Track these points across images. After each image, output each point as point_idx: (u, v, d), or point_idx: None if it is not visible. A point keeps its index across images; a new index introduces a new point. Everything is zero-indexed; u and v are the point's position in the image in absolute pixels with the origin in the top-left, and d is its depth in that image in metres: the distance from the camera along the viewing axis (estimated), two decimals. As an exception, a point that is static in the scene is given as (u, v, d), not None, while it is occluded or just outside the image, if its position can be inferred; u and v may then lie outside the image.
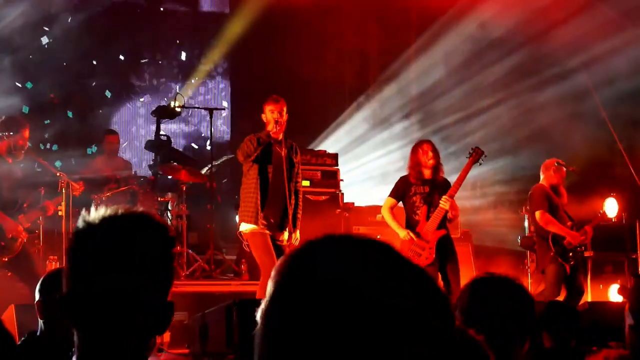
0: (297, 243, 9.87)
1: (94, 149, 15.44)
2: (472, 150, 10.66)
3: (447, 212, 10.29)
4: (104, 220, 2.25)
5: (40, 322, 4.40)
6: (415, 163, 10.67)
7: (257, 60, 16.05)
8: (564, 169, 11.45)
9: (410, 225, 10.44)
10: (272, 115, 9.78)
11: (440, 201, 10.26)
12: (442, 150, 17.09)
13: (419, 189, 10.54)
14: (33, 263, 10.44)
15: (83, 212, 2.29)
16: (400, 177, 10.80)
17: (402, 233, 10.34)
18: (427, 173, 10.55)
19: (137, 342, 2.25)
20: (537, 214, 11.15)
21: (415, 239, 10.23)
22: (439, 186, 10.51)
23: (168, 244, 2.28)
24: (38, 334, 4.40)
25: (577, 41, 15.05)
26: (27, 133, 10.37)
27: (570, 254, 10.98)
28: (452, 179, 10.51)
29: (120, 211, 2.28)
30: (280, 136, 9.94)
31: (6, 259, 10.22)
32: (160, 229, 2.29)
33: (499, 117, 16.75)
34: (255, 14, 15.93)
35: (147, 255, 2.23)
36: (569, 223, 11.20)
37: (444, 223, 10.36)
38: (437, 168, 10.61)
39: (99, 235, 2.23)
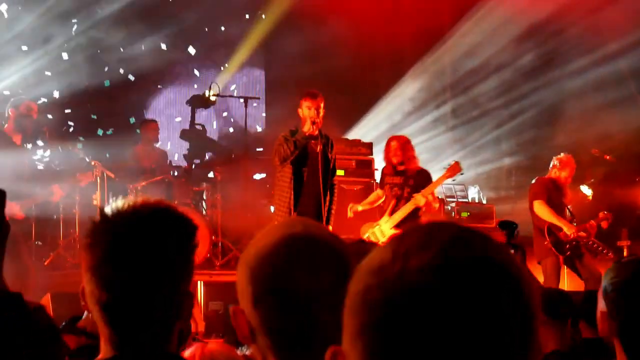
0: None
1: (110, 131, 15.40)
2: (450, 165, 10.82)
3: (419, 208, 10.41)
4: (121, 215, 2.26)
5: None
6: (386, 157, 10.89)
7: (291, 49, 16.00)
8: (572, 167, 11.35)
9: (381, 216, 10.66)
10: (310, 113, 9.61)
11: (416, 196, 10.31)
12: (476, 139, 17.17)
13: (391, 179, 10.76)
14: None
15: (99, 206, 2.30)
16: (382, 168, 10.98)
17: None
18: (398, 166, 10.67)
19: (162, 333, 2.27)
20: (535, 203, 11.12)
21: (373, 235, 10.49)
22: (412, 178, 10.57)
23: (186, 235, 2.29)
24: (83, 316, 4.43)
25: (612, 28, 14.93)
26: (34, 114, 10.21)
27: (567, 246, 10.93)
28: (480, 170, 10.53)
29: (139, 203, 2.29)
30: (317, 132, 9.76)
31: None
32: (178, 221, 2.29)
33: (535, 104, 16.66)
34: (289, 8, 15.94)
35: (165, 248, 2.24)
36: (569, 219, 11.15)
37: (412, 217, 10.40)
38: (405, 163, 10.67)
39: (115, 230, 2.24)
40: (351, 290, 1.30)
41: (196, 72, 16.70)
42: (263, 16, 16.70)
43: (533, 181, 11.45)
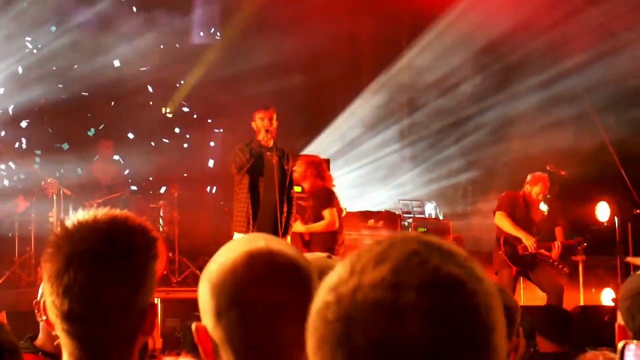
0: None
1: (66, 146, 15.24)
2: None
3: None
4: (80, 226, 2.25)
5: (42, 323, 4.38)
6: None
7: (248, 66, 15.99)
8: (545, 185, 11.40)
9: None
10: (263, 123, 9.87)
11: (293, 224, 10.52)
12: (432, 156, 17.26)
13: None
14: None
15: (57, 219, 2.30)
16: None
17: None
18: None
19: (125, 346, 2.25)
20: (497, 214, 11.15)
21: None
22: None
23: (146, 245, 2.28)
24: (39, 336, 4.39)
25: (567, 45, 15.09)
26: None
27: (519, 259, 10.95)
28: (436, 186, 10.53)
29: (100, 214, 2.28)
30: (271, 143, 10.00)
31: None
32: (138, 230, 2.28)
33: (491, 121, 16.78)
34: (242, 31, 15.95)
35: (125, 258, 2.23)
36: (534, 237, 11.12)
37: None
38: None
39: (76, 238, 2.23)
40: (312, 307, 1.31)
41: (149, 88, 16.53)
42: (218, 35, 16.70)
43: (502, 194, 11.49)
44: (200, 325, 2.05)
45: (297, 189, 12.22)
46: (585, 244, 11.73)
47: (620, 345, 2.31)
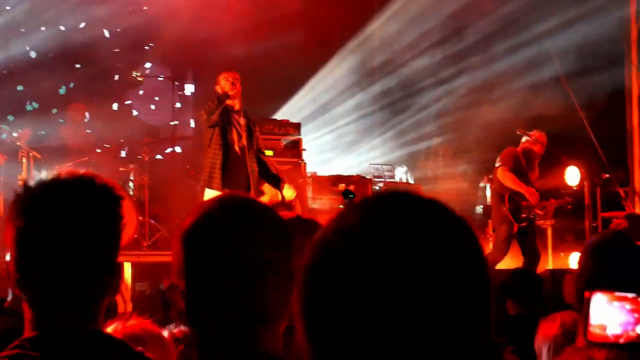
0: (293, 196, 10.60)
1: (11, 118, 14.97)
2: None
3: None
4: (44, 185, 2.23)
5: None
6: None
7: (220, 30, 15.88)
8: (542, 142, 11.44)
9: None
10: (227, 82, 10.13)
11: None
12: (404, 120, 17.26)
13: None
14: None
15: (21, 180, 2.29)
16: None
17: None
18: None
19: (87, 309, 2.23)
20: (499, 170, 11.11)
21: None
22: None
23: (111, 204, 2.26)
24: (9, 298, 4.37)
25: (539, 9, 15.09)
26: None
27: (524, 215, 10.99)
28: (407, 150, 10.50)
29: (64, 174, 2.26)
30: (237, 106, 10.23)
31: None
32: (102, 189, 2.26)
33: (462, 86, 16.79)
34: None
35: (89, 218, 2.21)
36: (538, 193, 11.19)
37: None
38: None
39: (38, 201, 2.21)
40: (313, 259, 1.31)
41: (116, 50, 16.28)
42: None
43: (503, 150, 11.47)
44: (173, 283, 2.03)
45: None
46: (570, 205, 11.82)
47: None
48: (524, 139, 11.48)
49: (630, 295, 2.66)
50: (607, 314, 2.67)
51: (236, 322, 1.97)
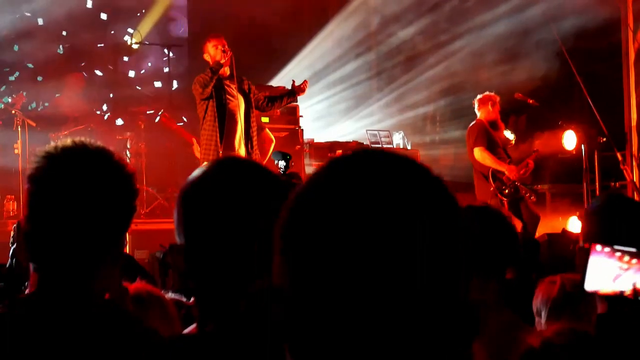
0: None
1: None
2: None
3: None
4: (62, 155, 2.23)
5: (11, 253, 4.44)
6: None
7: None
8: (498, 102, 11.52)
9: None
10: (217, 49, 10.09)
11: None
12: (400, 85, 17.21)
13: None
14: None
15: (40, 150, 2.28)
16: None
17: None
18: None
19: (86, 268, 2.24)
20: (476, 150, 11.23)
21: None
22: None
23: (128, 179, 2.26)
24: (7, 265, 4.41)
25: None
26: None
27: (507, 191, 11.09)
28: (404, 116, 10.49)
29: (78, 145, 2.26)
30: (228, 71, 10.22)
31: None
32: (120, 165, 2.27)
33: (459, 50, 16.73)
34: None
35: (105, 190, 2.21)
36: (508, 160, 11.31)
37: None
38: None
39: (57, 171, 2.21)
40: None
41: (103, 15, 16.08)
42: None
43: (469, 127, 11.52)
44: (175, 245, 2.03)
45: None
46: (537, 152, 11.82)
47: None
48: (476, 106, 11.57)
49: (629, 249, 2.69)
50: (605, 267, 2.69)
51: (237, 281, 1.97)
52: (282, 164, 9.59)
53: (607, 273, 2.70)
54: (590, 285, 2.73)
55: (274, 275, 1.31)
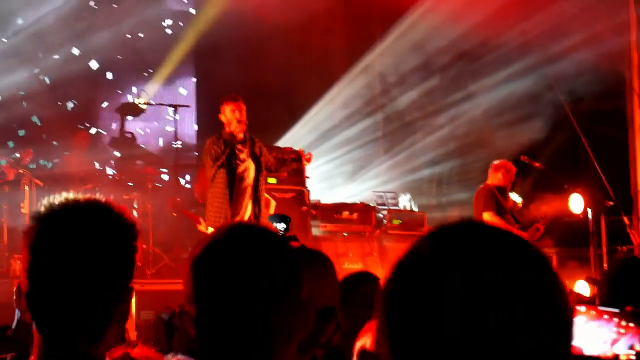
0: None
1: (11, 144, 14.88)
2: None
3: None
4: (64, 210, 2.22)
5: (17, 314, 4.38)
6: None
7: (222, 60, 15.90)
8: (513, 172, 11.52)
9: None
10: (234, 115, 9.90)
11: None
12: (406, 147, 17.25)
13: None
14: None
15: (40, 204, 2.26)
16: None
17: None
18: None
19: (93, 334, 2.21)
20: (485, 215, 11.18)
21: None
22: None
23: (128, 233, 2.25)
24: (13, 326, 4.36)
25: (537, 38, 15.10)
26: None
27: None
28: (411, 178, 10.45)
29: (79, 200, 2.25)
30: (241, 135, 10.04)
31: None
32: (120, 218, 2.25)
33: (465, 113, 16.79)
34: (220, 13, 15.75)
35: (106, 246, 2.20)
36: (516, 225, 11.28)
37: None
38: None
39: (57, 225, 2.20)
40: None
41: (109, 75, 16.19)
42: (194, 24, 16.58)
43: (477, 191, 11.52)
44: (184, 310, 2.03)
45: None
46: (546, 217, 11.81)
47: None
48: (490, 170, 11.57)
49: (612, 310, 2.67)
50: (587, 330, 2.67)
51: (246, 348, 1.97)
52: (281, 226, 9.55)
53: (603, 337, 2.67)
54: (590, 349, 2.70)
55: (375, 343, 1.32)
